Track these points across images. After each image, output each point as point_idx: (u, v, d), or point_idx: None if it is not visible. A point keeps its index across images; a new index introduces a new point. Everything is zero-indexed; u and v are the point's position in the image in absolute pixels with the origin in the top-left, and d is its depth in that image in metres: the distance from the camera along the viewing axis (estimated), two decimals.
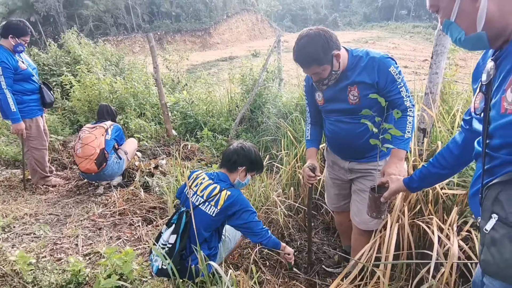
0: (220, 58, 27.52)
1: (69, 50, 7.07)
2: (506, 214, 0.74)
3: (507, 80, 0.78)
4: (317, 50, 1.59)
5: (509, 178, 0.77)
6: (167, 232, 1.85)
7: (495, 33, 0.83)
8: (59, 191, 3.43)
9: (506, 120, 0.78)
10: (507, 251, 0.73)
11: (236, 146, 2.01)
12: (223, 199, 1.81)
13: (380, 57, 1.68)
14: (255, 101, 4.98)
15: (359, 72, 1.70)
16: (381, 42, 30.88)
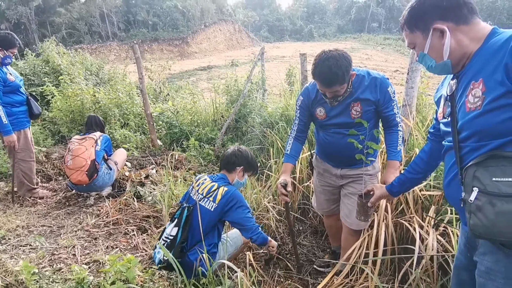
0: (199, 68, 27.60)
1: (47, 60, 6.95)
2: (484, 186, 0.97)
3: (467, 89, 1.07)
4: (342, 72, 1.73)
5: (480, 160, 1.00)
6: (170, 227, 2.01)
7: (456, 60, 1.12)
8: (48, 203, 3.40)
9: (471, 115, 1.04)
10: (490, 213, 0.94)
11: (233, 149, 2.24)
12: (220, 194, 1.99)
13: (381, 77, 1.91)
14: (240, 111, 5.13)
15: (363, 90, 1.90)
16: (355, 53, 32.08)
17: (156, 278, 2.16)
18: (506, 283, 1.04)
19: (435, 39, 1.12)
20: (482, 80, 1.02)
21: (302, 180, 3.20)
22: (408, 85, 2.43)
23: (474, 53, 1.08)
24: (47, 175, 4.13)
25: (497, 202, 0.94)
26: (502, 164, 0.97)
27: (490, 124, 1.00)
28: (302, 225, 3.14)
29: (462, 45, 1.09)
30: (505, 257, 1.03)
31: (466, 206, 1.02)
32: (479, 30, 1.09)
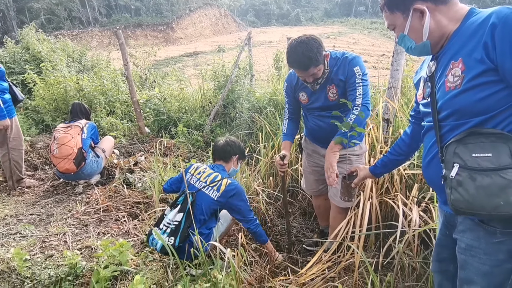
0: (184, 54, 27.03)
1: (27, 47, 6.71)
2: (464, 162, 1.00)
3: (447, 69, 1.09)
4: (314, 53, 1.80)
5: (460, 137, 1.03)
6: (173, 212, 2.05)
7: (435, 41, 1.14)
8: (35, 192, 3.37)
9: (450, 94, 1.07)
10: (471, 187, 0.98)
11: (226, 140, 2.32)
12: (224, 186, 2.07)
13: (352, 57, 1.91)
14: (228, 96, 5.12)
15: (336, 72, 1.93)
16: (342, 38, 32.00)
17: (149, 261, 2.20)
18: (488, 259, 1.07)
19: (415, 19, 1.13)
20: (462, 60, 1.04)
21: (290, 163, 3.25)
22: (393, 68, 2.48)
23: (452, 33, 1.10)
24: (33, 165, 4.07)
25: (477, 176, 0.97)
26: (480, 140, 1.00)
27: (469, 102, 1.02)
28: (291, 207, 3.21)
29: (441, 26, 1.11)
30: (485, 233, 1.06)
31: (447, 182, 1.05)
32: (457, 10, 1.10)
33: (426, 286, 1.81)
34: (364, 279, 1.96)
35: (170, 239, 1.97)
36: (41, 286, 1.91)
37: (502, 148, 0.96)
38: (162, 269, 2.09)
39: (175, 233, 1.98)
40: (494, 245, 1.06)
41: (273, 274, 2.21)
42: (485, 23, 0.98)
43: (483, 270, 1.09)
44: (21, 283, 1.93)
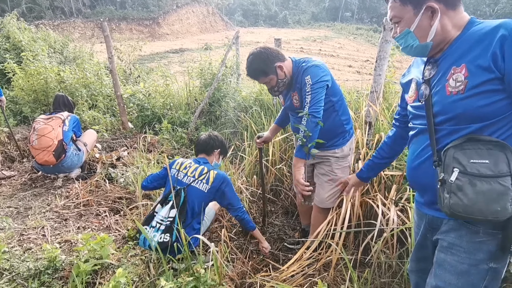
0: (170, 50, 26.69)
1: (8, 36, 6.48)
2: (463, 167, 1.02)
3: (447, 73, 1.10)
4: (261, 65, 1.96)
5: (459, 142, 1.05)
6: (165, 209, 2.04)
7: (435, 44, 1.15)
8: (13, 184, 3.27)
9: (452, 99, 1.08)
10: (471, 192, 1.00)
11: (209, 134, 2.37)
12: (212, 177, 2.11)
13: (306, 67, 1.97)
14: (214, 95, 5.12)
15: (296, 79, 2.04)
16: (328, 42, 32.47)
17: (131, 256, 2.19)
18: (467, 257, 1.10)
19: (425, 18, 1.12)
20: (465, 66, 1.05)
21: (274, 162, 3.30)
22: (376, 73, 2.56)
23: (454, 39, 1.11)
24: (10, 156, 3.94)
25: (477, 182, 0.99)
26: (478, 147, 1.02)
27: (471, 108, 1.04)
28: (274, 206, 3.26)
29: (446, 30, 1.11)
30: (468, 232, 1.10)
31: (446, 186, 1.05)
32: (461, 17, 1.12)
33: (401, 282, 1.89)
34: (343, 276, 2.03)
35: (165, 236, 1.96)
36: (20, 278, 1.87)
37: (499, 156, 1.00)
38: (144, 264, 2.09)
39: (170, 229, 1.97)
40: (475, 244, 1.09)
41: (255, 271, 2.25)
42: (493, 34, 1.01)
43: (460, 268, 1.12)
44: (0, 274, 1.88)
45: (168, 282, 1.62)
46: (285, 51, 3.90)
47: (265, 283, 1.98)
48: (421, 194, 1.32)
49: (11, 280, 1.87)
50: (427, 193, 1.25)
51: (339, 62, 20.63)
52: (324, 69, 1.97)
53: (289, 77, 2.05)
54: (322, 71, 1.95)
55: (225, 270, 2.02)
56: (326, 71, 1.98)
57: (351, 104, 3.46)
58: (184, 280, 1.66)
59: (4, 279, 1.85)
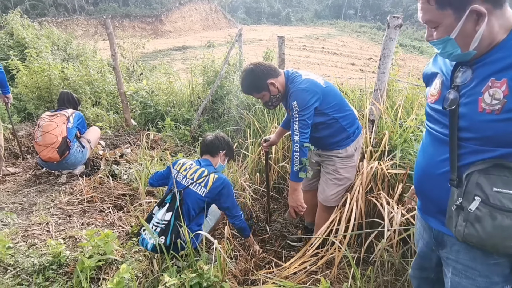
0: (173, 47, 26.69)
1: (11, 33, 6.51)
2: (486, 196, 0.92)
3: (483, 85, 0.94)
4: (253, 82, 2.04)
5: (485, 167, 0.94)
6: (161, 211, 2.01)
7: (480, 51, 0.97)
8: (17, 181, 3.29)
9: (484, 118, 0.94)
10: (489, 226, 0.92)
11: (215, 135, 2.31)
12: (211, 181, 2.05)
13: (294, 90, 1.98)
14: (217, 92, 5.12)
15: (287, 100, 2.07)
16: (331, 39, 32.35)
17: (134, 252, 2.20)
18: (483, 281, 1.04)
19: (469, 23, 0.93)
20: (507, 81, 0.90)
21: (277, 160, 3.30)
22: (380, 71, 2.55)
23: (498, 44, 0.94)
24: (14, 153, 3.97)
25: (498, 215, 0.90)
26: (504, 174, 0.91)
27: (504, 132, 0.92)
28: (277, 203, 3.26)
29: (492, 33, 0.94)
30: (482, 254, 1.02)
31: (463, 214, 0.96)
32: (508, 17, 0.94)
33: (404, 281, 1.89)
34: (345, 273, 2.03)
35: (161, 238, 1.94)
36: (24, 274, 1.89)
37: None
38: (147, 260, 2.10)
39: (165, 232, 1.94)
40: (490, 266, 1.03)
41: (258, 267, 2.25)
42: None
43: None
44: (4, 270, 1.90)
45: (172, 278, 1.63)
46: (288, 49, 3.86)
47: (267, 280, 1.98)
48: (426, 204, 1.21)
49: (16, 276, 1.89)
50: (434, 205, 1.15)
51: (342, 60, 20.56)
52: (311, 91, 1.95)
53: (283, 92, 2.09)
54: (309, 94, 1.94)
55: (228, 267, 2.03)
56: (313, 92, 1.96)
57: (355, 102, 3.46)
58: (188, 276, 1.66)
59: (9, 275, 1.87)
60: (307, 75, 2.05)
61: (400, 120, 2.64)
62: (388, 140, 2.47)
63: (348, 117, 2.14)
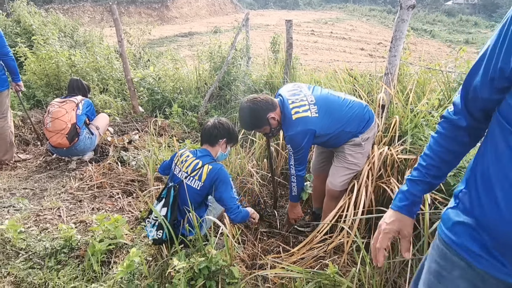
0: (179, 34, 26.42)
1: (18, 20, 6.50)
2: None
3: None
4: (254, 120, 2.11)
5: None
6: (159, 206, 1.99)
7: None
8: (28, 167, 3.34)
9: None
10: None
11: (213, 122, 2.17)
12: (205, 173, 1.98)
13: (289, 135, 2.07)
14: (224, 78, 5.07)
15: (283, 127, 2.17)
16: (340, 24, 31.64)
17: (144, 236, 2.23)
18: None
19: None
20: None
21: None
22: (391, 54, 2.48)
23: None
24: (25, 140, 4.02)
25: None
26: None
27: None
28: (284, 189, 3.26)
29: None
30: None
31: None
32: None
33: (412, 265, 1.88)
34: (353, 259, 2.03)
35: (158, 233, 1.93)
36: (36, 257, 1.94)
37: None
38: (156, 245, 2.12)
39: (161, 227, 1.92)
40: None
41: (265, 252, 2.27)
42: None
43: None
44: (16, 254, 1.94)
45: (181, 261, 1.65)
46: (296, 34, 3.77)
47: (275, 264, 1.99)
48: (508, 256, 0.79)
49: (27, 259, 1.93)
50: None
51: (351, 45, 20.14)
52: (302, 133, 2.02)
53: (281, 121, 2.15)
54: (301, 137, 2.03)
55: (236, 252, 2.04)
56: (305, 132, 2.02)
57: (364, 88, 3.39)
58: (196, 260, 1.68)
59: (20, 258, 1.92)
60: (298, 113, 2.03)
61: (411, 105, 2.58)
62: (399, 125, 2.42)
63: (352, 121, 2.12)
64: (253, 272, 1.96)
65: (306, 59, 10.63)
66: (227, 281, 1.78)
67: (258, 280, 1.89)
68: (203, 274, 1.70)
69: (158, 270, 1.88)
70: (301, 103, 2.07)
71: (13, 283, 1.78)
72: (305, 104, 2.06)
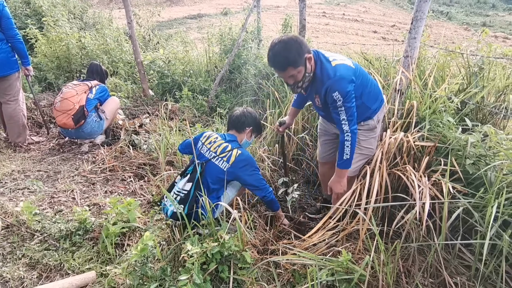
0: (188, 16, 26.03)
1: (28, 1, 6.46)
2: None
3: None
4: (292, 53, 1.78)
5: None
6: (183, 181, 2.05)
7: None
8: (41, 150, 3.38)
9: None
10: None
11: (243, 110, 2.29)
12: (234, 156, 2.04)
13: (333, 79, 1.83)
14: (234, 61, 4.98)
15: (319, 84, 1.91)
16: (352, 5, 30.68)
17: (156, 220, 2.24)
18: None
19: None
20: None
21: (297, 131, 3.23)
22: (411, 35, 2.37)
23: None
24: (37, 122, 4.05)
25: None
26: None
27: None
28: (295, 175, 3.23)
29: None
30: None
31: None
32: None
33: (430, 255, 1.86)
34: (365, 246, 2.01)
35: (179, 207, 1.98)
36: (52, 239, 1.97)
37: None
38: (169, 228, 2.14)
39: (184, 201, 2.00)
40: None
41: (277, 238, 2.26)
42: None
43: None
44: (31, 236, 1.98)
45: (194, 246, 1.65)
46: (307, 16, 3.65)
47: (287, 250, 1.99)
48: None
49: (43, 241, 1.97)
50: None
51: (364, 27, 19.56)
52: (348, 79, 1.84)
53: (312, 74, 1.91)
54: (348, 82, 1.84)
55: (247, 237, 2.04)
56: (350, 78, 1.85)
57: (380, 71, 3.28)
58: (209, 245, 1.68)
59: (36, 240, 1.95)
60: (336, 60, 1.90)
61: (430, 90, 2.48)
62: (416, 111, 2.34)
63: (371, 93, 2.04)
64: (265, 257, 1.96)
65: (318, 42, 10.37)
66: (239, 266, 1.79)
67: (270, 266, 1.89)
68: (215, 258, 1.71)
69: (171, 253, 1.89)
70: (337, 55, 1.97)
71: (28, 264, 1.82)
72: (341, 58, 1.97)
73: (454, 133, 2.10)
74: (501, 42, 12.39)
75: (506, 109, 2.68)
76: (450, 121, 2.23)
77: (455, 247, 1.86)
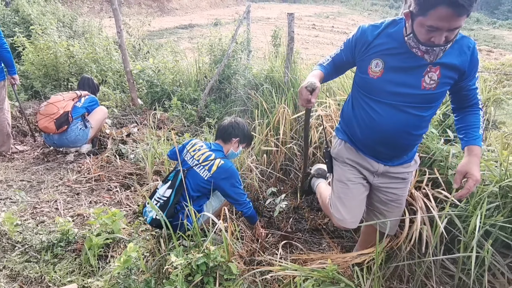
0: (179, 26, 26.17)
1: (17, 9, 6.41)
2: None
3: None
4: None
5: None
6: (163, 187, 2.04)
7: None
8: (25, 159, 3.31)
9: None
10: None
11: (231, 120, 2.27)
12: (216, 166, 2.03)
13: (474, 42, 1.42)
14: (224, 72, 5.02)
15: (450, 51, 1.37)
16: (341, 18, 31.37)
17: (141, 231, 2.21)
18: None
19: None
20: None
21: (284, 142, 3.25)
22: None
23: None
24: (22, 131, 3.98)
25: None
26: None
27: None
28: (283, 185, 3.23)
29: None
30: None
31: None
32: None
33: None
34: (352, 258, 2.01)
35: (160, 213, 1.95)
36: (33, 250, 1.92)
37: None
38: (154, 239, 2.11)
39: (163, 208, 1.98)
40: None
41: (264, 249, 2.25)
42: None
43: None
44: (12, 247, 1.93)
45: (179, 258, 1.63)
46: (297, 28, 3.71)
47: (273, 262, 1.98)
48: None
49: (24, 253, 1.91)
50: None
51: None
52: None
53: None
54: None
55: (234, 248, 2.03)
56: None
57: None
58: (194, 257, 1.66)
59: (17, 252, 1.89)
60: None
61: None
62: None
63: None
64: (252, 268, 1.94)
65: (307, 54, 10.55)
66: (225, 277, 1.77)
67: (256, 277, 1.88)
68: (201, 270, 1.69)
69: (155, 265, 1.86)
70: None
71: (9, 276, 1.77)
72: None
73: (437, 144, 2.16)
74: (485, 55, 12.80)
75: (488, 121, 2.76)
76: (434, 132, 2.29)
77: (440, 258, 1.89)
